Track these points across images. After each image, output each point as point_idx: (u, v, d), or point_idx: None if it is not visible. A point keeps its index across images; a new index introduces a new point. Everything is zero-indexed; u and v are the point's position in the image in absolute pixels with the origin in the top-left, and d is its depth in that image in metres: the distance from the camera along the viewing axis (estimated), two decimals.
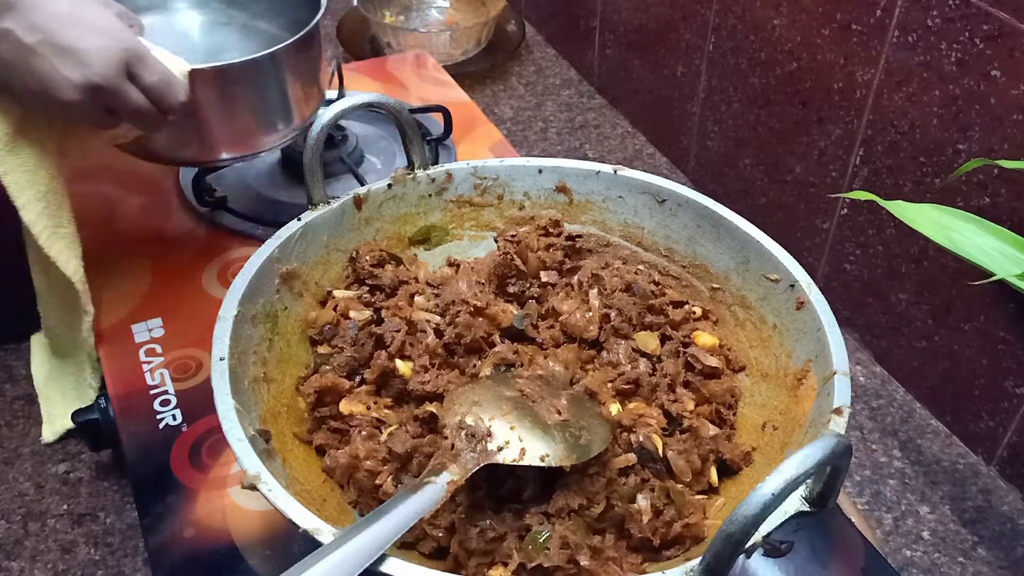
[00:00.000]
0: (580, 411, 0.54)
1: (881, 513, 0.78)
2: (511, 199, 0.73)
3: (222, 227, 0.87)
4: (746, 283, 0.64)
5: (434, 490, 0.47)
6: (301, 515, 0.45)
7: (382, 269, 0.67)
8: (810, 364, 0.56)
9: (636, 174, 0.70)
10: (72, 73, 0.58)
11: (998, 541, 0.76)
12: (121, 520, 0.75)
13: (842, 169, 0.90)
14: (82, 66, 0.58)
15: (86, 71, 0.59)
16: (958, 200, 0.77)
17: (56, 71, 0.58)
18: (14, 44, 0.57)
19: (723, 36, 1.02)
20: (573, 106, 1.30)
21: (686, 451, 0.55)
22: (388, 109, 0.67)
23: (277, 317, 0.62)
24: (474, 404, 0.53)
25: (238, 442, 0.49)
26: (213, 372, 0.53)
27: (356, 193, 0.68)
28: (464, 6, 1.41)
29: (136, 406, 0.69)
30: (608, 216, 0.71)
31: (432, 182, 0.71)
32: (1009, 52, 0.70)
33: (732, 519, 0.39)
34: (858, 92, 0.85)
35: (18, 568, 0.72)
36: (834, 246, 0.93)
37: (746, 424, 0.60)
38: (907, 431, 0.85)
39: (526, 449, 0.50)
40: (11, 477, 0.78)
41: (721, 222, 0.65)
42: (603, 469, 0.52)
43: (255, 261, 0.61)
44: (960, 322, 0.81)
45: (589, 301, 0.63)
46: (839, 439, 0.40)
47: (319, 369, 0.61)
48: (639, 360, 0.60)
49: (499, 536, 0.50)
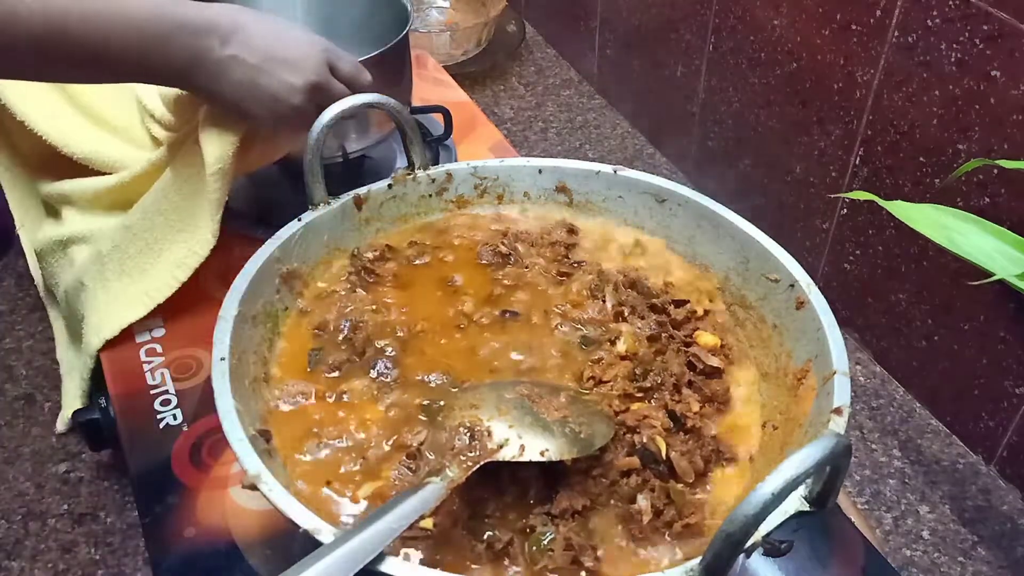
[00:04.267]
0: (580, 408, 0.55)
1: (881, 513, 0.78)
2: (511, 199, 0.73)
3: (222, 227, 0.87)
4: (746, 283, 0.64)
5: (434, 489, 0.47)
6: (301, 515, 0.45)
7: (383, 264, 0.67)
8: (810, 364, 0.56)
9: (636, 174, 0.70)
10: (295, 79, 0.67)
11: (998, 541, 0.76)
12: (121, 520, 0.75)
13: (842, 169, 0.90)
14: (301, 72, 0.67)
15: (306, 74, 0.67)
16: (958, 200, 0.77)
17: (282, 81, 0.66)
18: (243, 67, 0.65)
19: (723, 36, 1.02)
20: (573, 106, 1.30)
21: (689, 452, 0.55)
22: (388, 109, 0.67)
23: (277, 317, 0.62)
24: (473, 406, 0.53)
25: (238, 442, 0.49)
26: (213, 372, 0.53)
27: (356, 193, 0.68)
28: (464, 6, 1.41)
29: (136, 406, 0.69)
30: (608, 216, 0.71)
31: (432, 182, 0.71)
32: (1009, 52, 0.70)
33: (732, 519, 0.39)
34: (858, 92, 0.85)
35: (18, 568, 0.72)
36: (834, 246, 0.93)
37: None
38: (907, 431, 0.85)
39: (525, 446, 0.50)
40: (11, 477, 0.79)
41: (721, 222, 0.65)
42: (606, 470, 0.53)
43: (255, 261, 0.61)
44: (960, 322, 0.81)
45: (605, 299, 0.64)
46: (839, 439, 0.40)
47: (316, 367, 0.61)
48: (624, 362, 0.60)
49: (502, 538, 0.50)
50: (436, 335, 0.63)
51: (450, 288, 0.67)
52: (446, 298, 0.66)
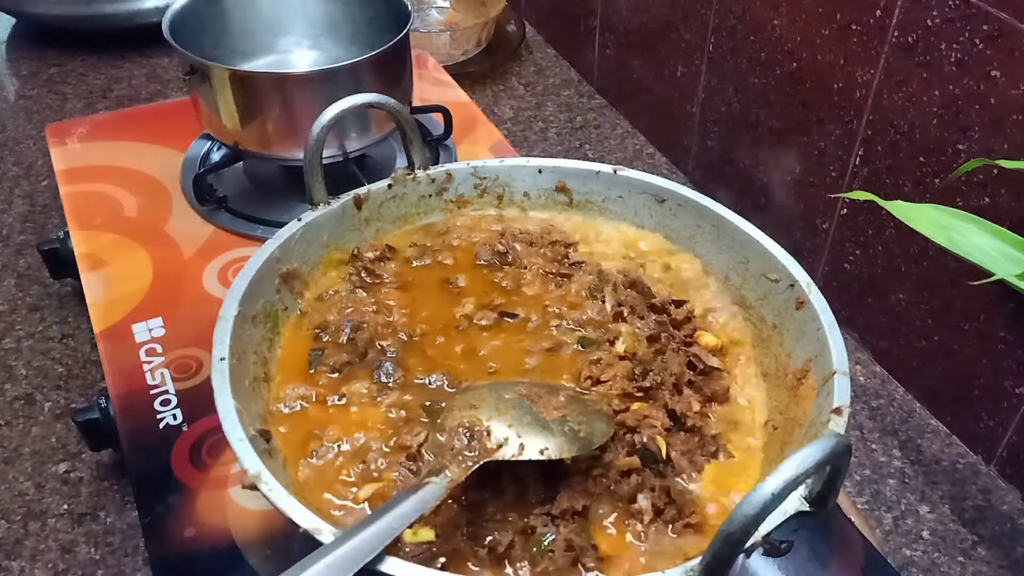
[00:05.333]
0: (579, 407, 0.55)
1: (881, 513, 0.78)
2: (511, 199, 0.73)
3: (222, 227, 0.87)
4: (746, 283, 0.64)
5: (434, 489, 0.47)
6: (301, 515, 0.45)
7: (383, 264, 0.67)
8: (810, 364, 0.56)
9: (636, 174, 0.70)
10: None
11: (998, 541, 0.76)
12: (121, 520, 0.75)
13: (842, 169, 0.90)
14: None
15: None
16: (958, 200, 0.77)
17: None
18: None
19: (723, 36, 1.02)
20: (573, 106, 1.30)
21: (690, 451, 0.55)
22: (388, 109, 0.67)
23: (277, 317, 0.62)
24: (472, 407, 0.53)
25: (238, 442, 0.49)
26: (213, 372, 0.53)
27: (356, 193, 0.68)
28: (464, 6, 1.41)
29: (136, 406, 0.69)
30: (608, 216, 0.71)
31: (432, 182, 0.71)
32: (1009, 52, 0.70)
33: (732, 519, 0.39)
34: (858, 92, 0.85)
35: (18, 568, 0.72)
36: (834, 246, 0.93)
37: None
38: (907, 431, 0.85)
39: (525, 445, 0.50)
40: (11, 477, 0.78)
41: (721, 222, 0.65)
42: (606, 470, 0.53)
43: (255, 261, 0.61)
44: (960, 322, 0.81)
45: (604, 299, 0.64)
46: (839, 439, 0.40)
47: (317, 368, 0.61)
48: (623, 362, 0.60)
49: (503, 540, 0.50)
50: (437, 336, 0.63)
51: (451, 289, 0.67)
52: (447, 299, 0.66)
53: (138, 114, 1.07)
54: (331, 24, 0.98)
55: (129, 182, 0.93)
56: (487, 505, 0.52)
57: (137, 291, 0.80)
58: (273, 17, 0.97)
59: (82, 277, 0.81)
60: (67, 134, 0.99)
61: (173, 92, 1.29)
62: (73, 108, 1.26)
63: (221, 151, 0.95)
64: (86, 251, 0.84)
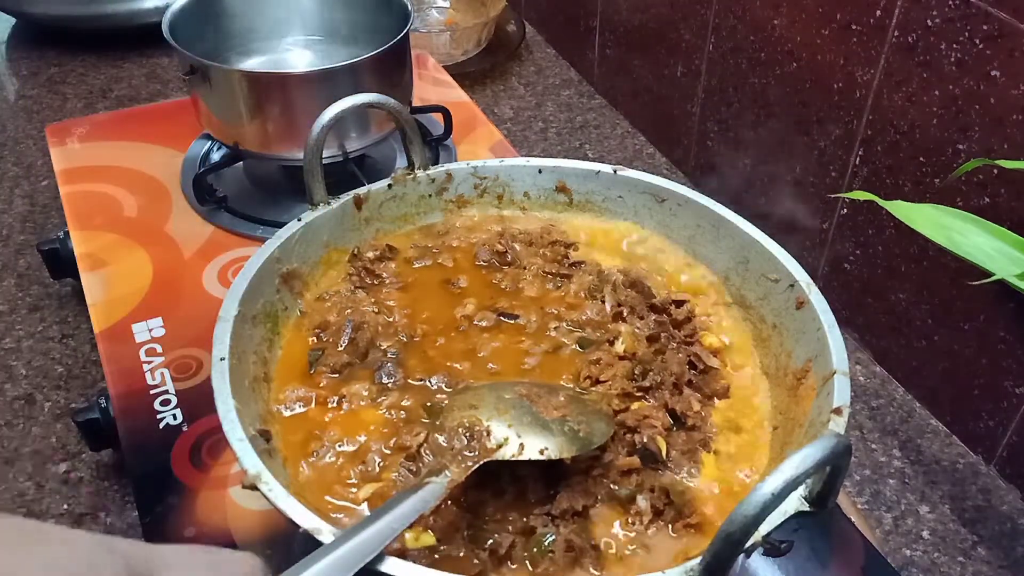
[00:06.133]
0: (579, 406, 0.55)
1: (881, 513, 0.78)
2: (511, 199, 0.73)
3: (222, 227, 0.87)
4: (746, 283, 0.64)
5: (434, 489, 0.47)
6: (301, 515, 0.45)
7: (383, 264, 0.67)
8: (810, 364, 0.56)
9: (636, 174, 0.70)
10: None
11: (998, 541, 0.76)
12: (121, 520, 0.75)
13: (842, 169, 0.90)
14: None
15: None
16: (958, 200, 0.77)
17: None
18: None
19: (723, 36, 1.02)
20: (573, 106, 1.30)
21: (690, 451, 0.55)
22: (388, 109, 0.67)
23: (277, 317, 0.62)
24: (472, 407, 0.53)
25: (238, 442, 0.49)
26: (213, 372, 0.53)
27: (356, 193, 0.68)
28: (464, 6, 1.41)
29: (136, 406, 0.69)
30: (608, 216, 0.71)
31: (432, 182, 0.71)
32: (1009, 52, 0.70)
33: (732, 519, 0.39)
34: (858, 92, 0.85)
35: None
36: (834, 246, 0.93)
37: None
38: (907, 431, 0.85)
39: (524, 444, 0.50)
40: (11, 477, 0.78)
41: (721, 222, 0.65)
42: (606, 470, 0.53)
43: (255, 261, 0.61)
44: (960, 322, 0.81)
45: (604, 299, 0.64)
46: (839, 439, 0.40)
47: (317, 369, 0.61)
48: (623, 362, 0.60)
49: (503, 542, 0.50)
50: (437, 337, 0.63)
51: (452, 290, 0.67)
52: (448, 300, 0.66)
53: (138, 114, 1.07)
54: (331, 24, 0.98)
55: (129, 182, 0.93)
56: (487, 505, 0.52)
57: (137, 291, 0.80)
58: (273, 17, 0.97)
59: (82, 277, 0.81)
60: (67, 134, 0.99)
61: (173, 92, 1.29)
62: (73, 108, 1.26)
63: (221, 151, 0.95)
64: (86, 251, 0.84)
